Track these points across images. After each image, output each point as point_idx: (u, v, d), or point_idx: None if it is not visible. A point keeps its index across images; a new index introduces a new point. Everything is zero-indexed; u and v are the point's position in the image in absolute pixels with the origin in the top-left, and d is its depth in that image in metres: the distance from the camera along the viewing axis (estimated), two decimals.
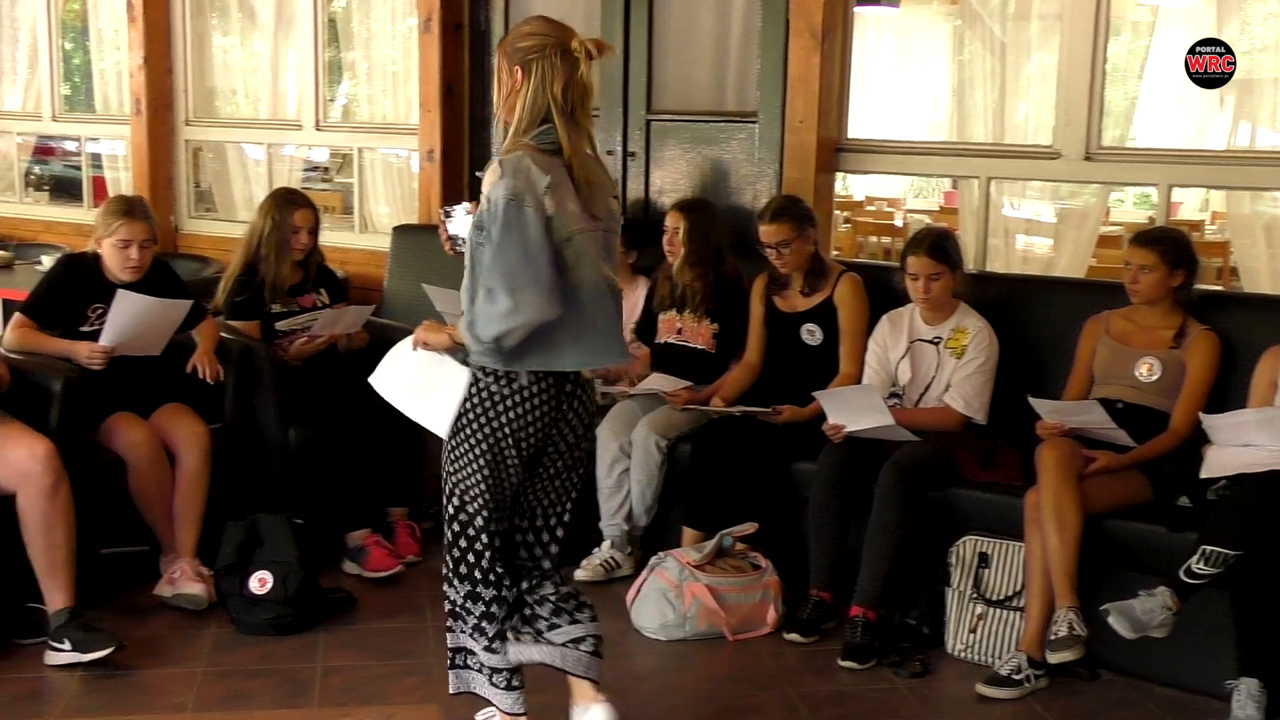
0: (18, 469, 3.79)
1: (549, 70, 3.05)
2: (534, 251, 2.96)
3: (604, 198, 3.18)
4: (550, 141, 3.05)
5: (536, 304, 2.95)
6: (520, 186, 2.96)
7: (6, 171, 8.57)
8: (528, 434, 3.12)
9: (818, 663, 4.00)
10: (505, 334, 2.96)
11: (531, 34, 3.11)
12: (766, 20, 5.38)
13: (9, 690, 3.65)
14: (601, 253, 3.15)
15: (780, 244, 4.58)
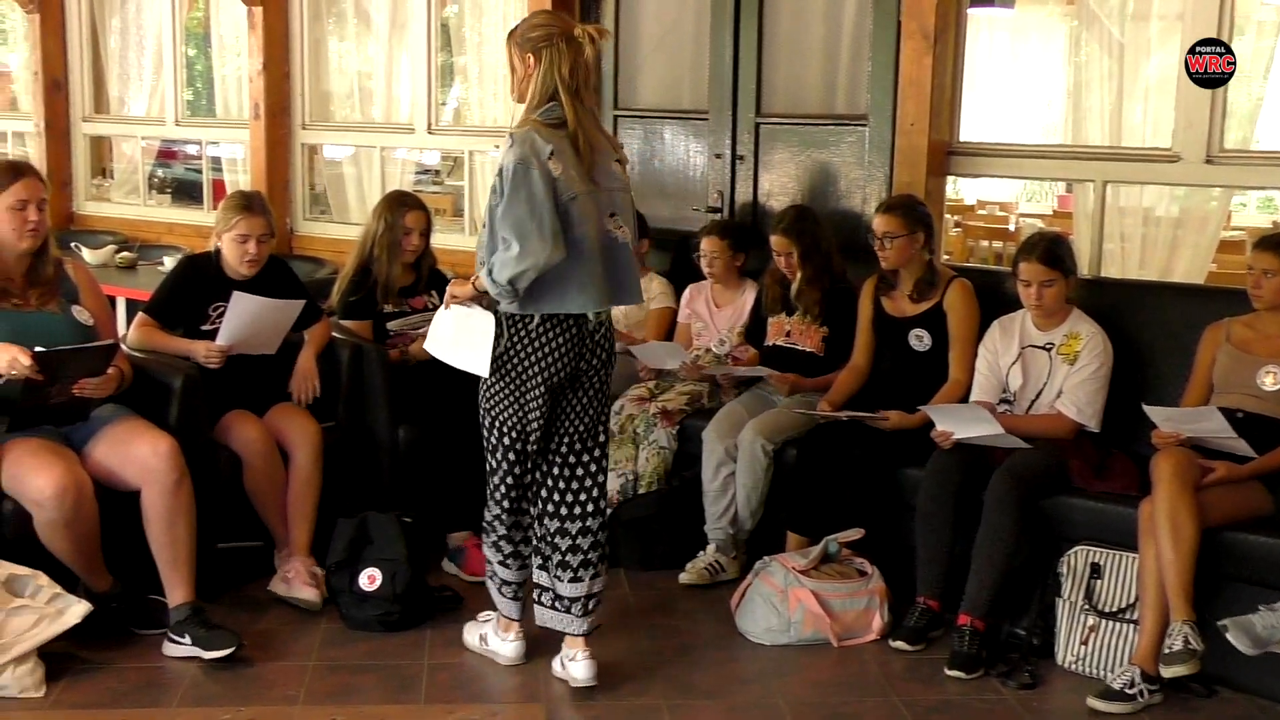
0: (142, 465, 3.88)
1: (557, 55, 3.56)
2: (538, 206, 3.45)
3: (606, 163, 3.67)
4: (555, 117, 3.56)
5: (541, 249, 3.43)
6: (527, 153, 3.47)
7: (131, 175, 8.82)
8: (550, 370, 3.61)
9: (924, 671, 3.96)
10: (517, 276, 3.45)
11: (540, 25, 3.63)
12: (877, 22, 5.34)
13: (130, 679, 3.75)
14: (603, 211, 3.62)
15: (886, 235, 4.54)
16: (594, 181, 3.60)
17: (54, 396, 3.86)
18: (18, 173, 4.02)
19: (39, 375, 3.75)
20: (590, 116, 3.66)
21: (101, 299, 4.30)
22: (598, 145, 3.64)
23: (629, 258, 3.71)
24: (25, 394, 3.79)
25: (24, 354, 3.72)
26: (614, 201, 3.68)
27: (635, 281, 3.75)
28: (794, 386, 4.77)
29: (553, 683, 3.81)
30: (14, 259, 4.00)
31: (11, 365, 3.73)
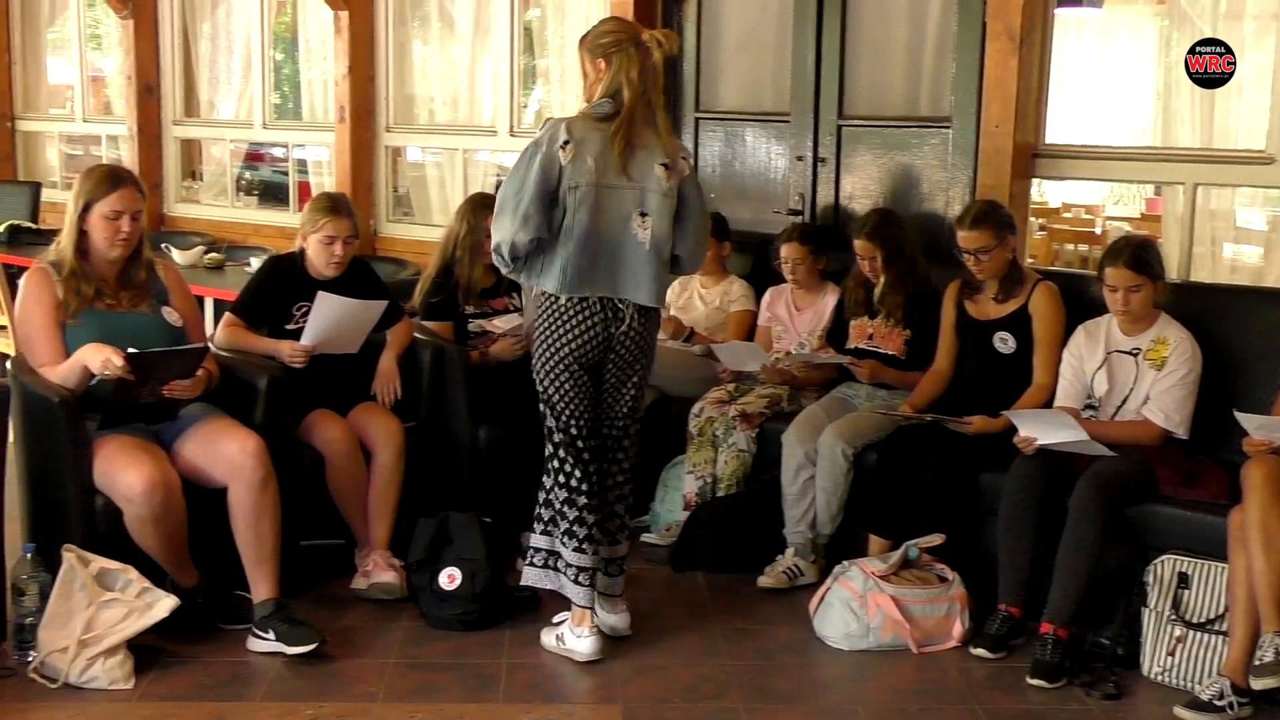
0: (230, 463, 3.94)
1: (626, 60, 3.74)
2: (524, 188, 3.71)
3: (648, 163, 3.81)
4: (603, 112, 3.76)
5: (509, 226, 3.73)
6: (543, 138, 3.74)
7: (219, 177, 8.98)
8: (575, 348, 3.83)
9: (1005, 679, 3.91)
10: (498, 245, 3.78)
11: (610, 31, 3.82)
12: (962, 23, 5.29)
13: (215, 673, 3.81)
14: (631, 208, 3.79)
15: (979, 250, 4.48)
16: (628, 176, 3.78)
17: (144, 396, 3.93)
18: (116, 182, 4.06)
19: (130, 376, 3.83)
20: (646, 118, 3.81)
21: (191, 300, 4.38)
22: (643, 144, 3.80)
23: (648, 257, 3.83)
24: (116, 393, 3.87)
25: (117, 355, 3.80)
26: (646, 200, 3.82)
27: (650, 283, 3.86)
28: (873, 372, 4.75)
29: (631, 684, 3.81)
30: (108, 262, 4.09)
31: (105, 366, 3.81)
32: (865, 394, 4.85)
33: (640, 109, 3.77)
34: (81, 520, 3.90)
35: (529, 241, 3.74)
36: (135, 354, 3.83)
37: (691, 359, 5.32)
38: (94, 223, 4.02)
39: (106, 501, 3.90)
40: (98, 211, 4.01)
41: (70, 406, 3.87)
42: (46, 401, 3.89)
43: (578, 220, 3.75)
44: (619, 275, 3.82)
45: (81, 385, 3.91)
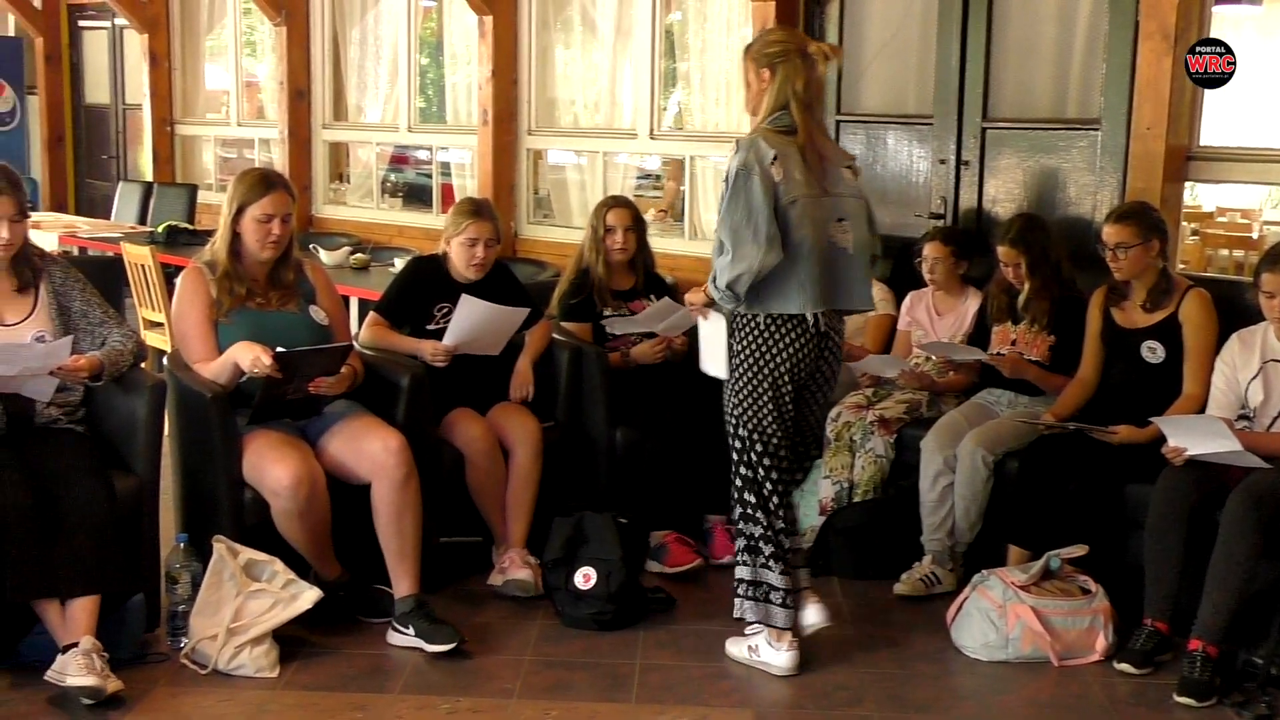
0: (373, 460, 4.02)
1: (792, 70, 3.71)
2: (755, 211, 3.60)
3: (836, 170, 3.79)
4: (783, 125, 3.71)
5: (755, 254, 3.58)
6: (750, 159, 3.63)
7: (366, 179, 9.18)
8: (784, 369, 3.74)
9: (1151, 696, 3.80)
10: (734, 280, 3.62)
11: (776, 41, 3.80)
12: (1114, 22, 5.16)
13: (356, 664, 3.90)
14: (830, 217, 3.74)
15: (1119, 246, 4.38)
16: (822, 187, 3.73)
17: (290, 393, 4.03)
18: (269, 186, 4.16)
19: (278, 374, 3.93)
20: (820, 128, 3.81)
21: (337, 300, 4.48)
22: (826, 154, 3.78)
23: (853, 263, 3.80)
24: (264, 389, 3.98)
25: (266, 353, 3.90)
26: (842, 207, 3.78)
27: (860, 287, 3.85)
28: (1015, 366, 4.66)
29: (766, 688, 3.80)
30: (259, 263, 4.20)
31: (254, 364, 3.92)
32: (1007, 401, 4.77)
33: (811, 120, 3.74)
34: (231, 512, 4.02)
35: (774, 265, 3.63)
36: (282, 353, 3.93)
37: None
38: (246, 225, 4.13)
39: (255, 494, 4.01)
40: (250, 215, 4.12)
41: (222, 402, 3.99)
42: (200, 397, 4.01)
43: (803, 235, 3.67)
44: (834, 286, 3.77)
45: (233, 382, 4.03)
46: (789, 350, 3.74)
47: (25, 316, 3.91)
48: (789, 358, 3.74)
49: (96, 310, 4.04)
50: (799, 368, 3.77)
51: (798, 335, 3.74)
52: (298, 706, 3.63)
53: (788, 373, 3.76)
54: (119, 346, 3.96)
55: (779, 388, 3.77)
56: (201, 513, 4.11)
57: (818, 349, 3.78)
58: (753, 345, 3.75)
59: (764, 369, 3.76)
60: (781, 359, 3.74)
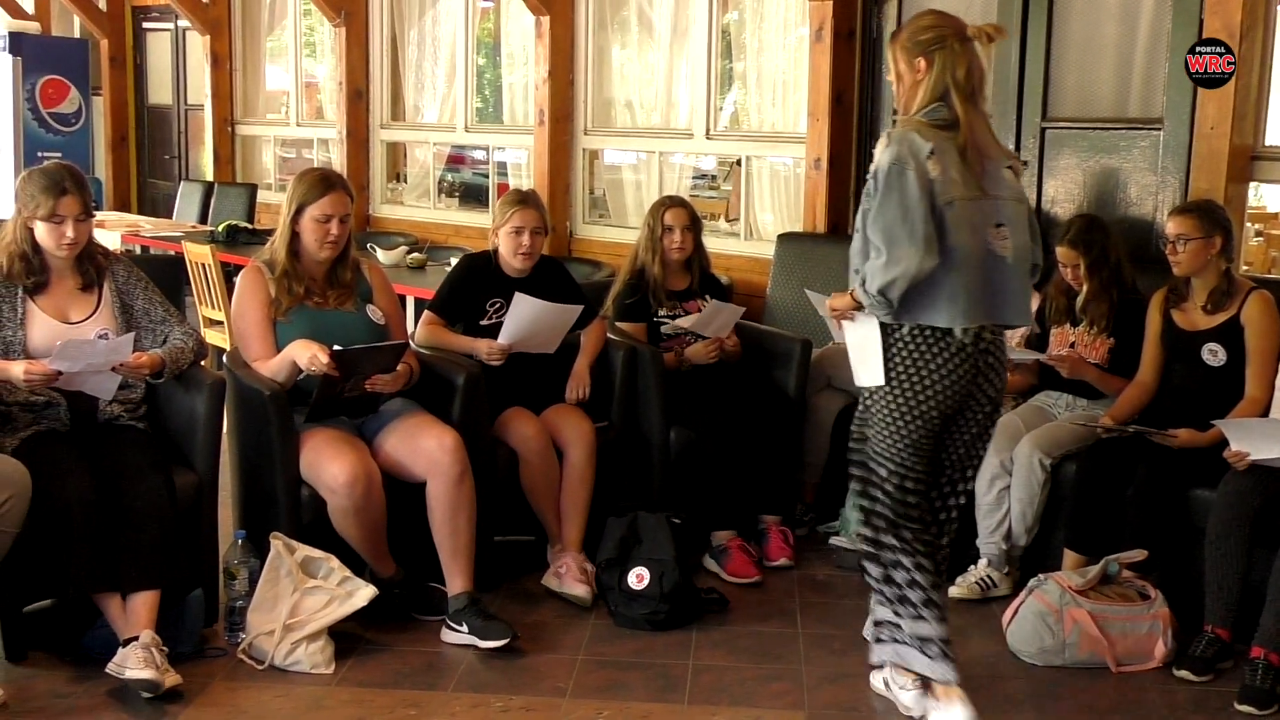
0: (428, 458, 4.04)
1: (950, 57, 3.33)
2: (911, 209, 3.22)
3: (997, 170, 3.39)
4: (940, 118, 3.33)
5: (911, 256, 3.20)
6: (904, 153, 3.25)
7: (423, 179, 9.24)
8: (934, 391, 3.35)
9: (1211, 704, 3.75)
10: (887, 285, 3.23)
11: (931, 26, 3.40)
12: (1177, 21, 5.09)
13: (411, 662, 3.92)
14: (988, 221, 3.34)
15: (1179, 238, 4.32)
16: (981, 188, 3.34)
17: (347, 391, 4.06)
18: (328, 186, 4.20)
19: (335, 372, 3.97)
20: (983, 121, 3.43)
21: (394, 299, 4.51)
22: (989, 151, 3.40)
23: (1012, 274, 3.40)
24: (321, 388, 4.01)
25: (323, 351, 3.94)
26: (1002, 211, 3.39)
27: (1018, 300, 3.45)
28: (1075, 366, 4.60)
29: (819, 691, 3.78)
30: (316, 263, 4.24)
31: (311, 362, 3.95)
32: (1065, 403, 4.72)
33: (974, 112, 3.36)
34: (288, 509, 4.06)
35: (931, 269, 3.24)
36: (340, 351, 3.96)
37: None
38: (305, 225, 4.17)
39: (312, 492, 4.05)
40: (309, 214, 4.16)
41: (280, 400, 4.03)
42: (258, 395, 4.05)
43: (958, 242, 3.28)
44: (991, 298, 3.36)
45: (290, 380, 4.07)
46: (935, 368, 3.34)
47: (89, 314, 3.97)
48: (936, 378, 3.35)
49: (158, 308, 4.09)
50: (947, 390, 3.36)
51: (946, 351, 3.34)
52: (352, 703, 3.65)
53: (934, 395, 3.36)
54: (180, 344, 4.01)
55: (922, 411, 3.37)
56: (259, 509, 4.16)
57: (971, 369, 3.37)
58: (896, 361, 3.37)
59: (906, 388, 3.37)
60: (927, 378, 3.35)
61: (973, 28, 3.39)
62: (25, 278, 3.90)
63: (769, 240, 6.53)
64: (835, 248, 6.06)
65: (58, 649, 3.86)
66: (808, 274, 5.84)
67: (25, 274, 3.90)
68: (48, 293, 3.94)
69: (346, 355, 3.99)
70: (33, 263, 3.90)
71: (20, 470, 3.58)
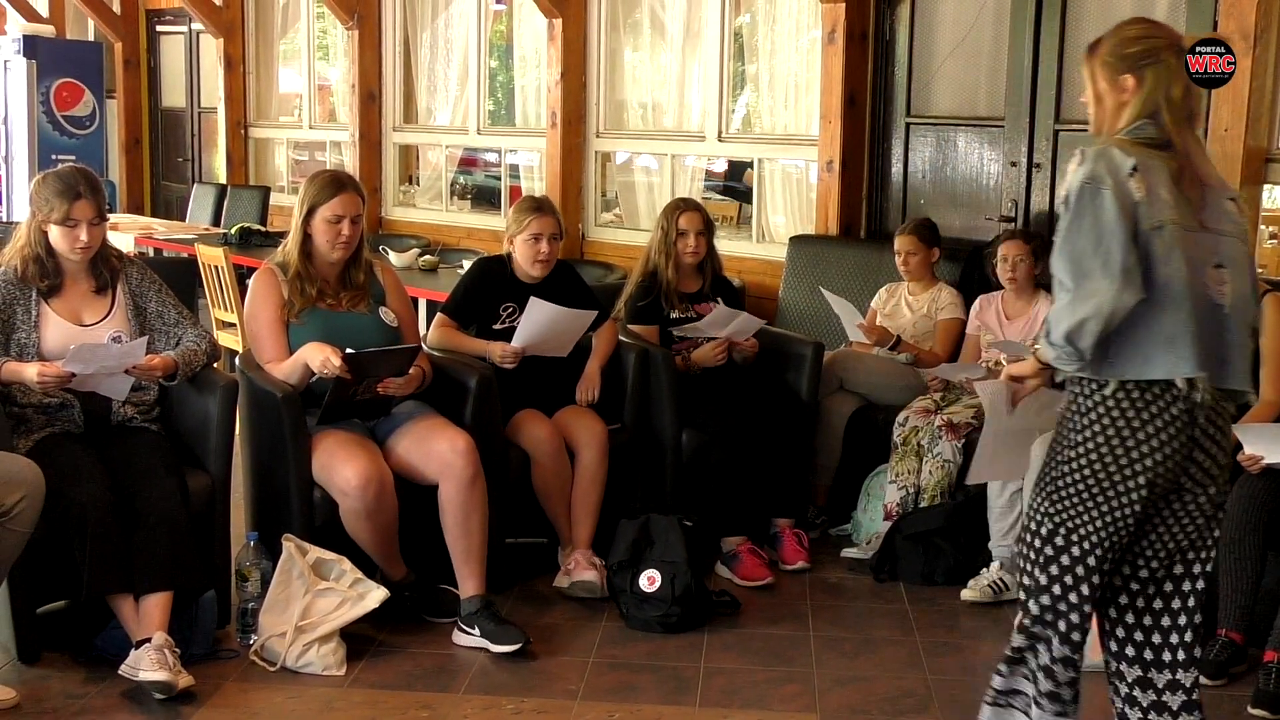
0: (441, 460, 4.04)
1: (1164, 73, 2.83)
2: (1106, 235, 2.66)
3: (1218, 201, 2.84)
4: (1148, 136, 2.81)
5: (1105, 291, 2.64)
6: (1100, 170, 2.72)
7: (435, 181, 9.26)
8: (1143, 465, 2.74)
9: (1225, 707, 3.73)
10: (1075, 329, 2.66)
11: (1140, 37, 2.90)
12: (1191, 23, 5.09)
13: (423, 664, 3.92)
14: (1205, 259, 2.77)
15: None
16: (1200, 220, 2.78)
17: (360, 394, 4.07)
18: (339, 187, 4.20)
19: (348, 375, 3.97)
20: (1199, 146, 2.92)
21: (406, 301, 4.52)
22: (1208, 178, 2.86)
23: (1229, 325, 2.79)
24: (334, 390, 4.02)
25: (335, 354, 3.94)
26: (1222, 248, 2.81)
27: (1242, 361, 2.83)
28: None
29: (830, 694, 3.78)
30: (328, 264, 4.25)
31: (324, 365, 3.95)
32: None
33: (1190, 136, 2.86)
34: (301, 511, 4.06)
35: (1131, 306, 2.68)
36: (352, 354, 3.97)
37: (897, 367, 5.24)
38: (317, 226, 4.18)
39: (324, 494, 4.06)
40: (320, 216, 4.17)
41: (293, 402, 4.04)
42: (271, 397, 4.06)
43: (1172, 272, 2.71)
44: (1212, 350, 2.77)
45: (303, 382, 4.08)
46: (1149, 434, 2.72)
47: (103, 317, 3.98)
48: (1150, 447, 2.73)
49: (172, 311, 4.10)
50: (1163, 461, 2.74)
51: (1165, 412, 2.72)
52: (364, 704, 3.66)
53: (1144, 469, 2.74)
54: (193, 346, 4.02)
55: (1127, 486, 2.75)
56: (272, 511, 4.16)
57: (1183, 438, 2.74)
58: (1095, 425, 2.76)
59: (1108, 458, 2.75)
60: (1136, 447, 2.73)
61: (1190, 38, 2.95)
62: (39, 280, 3.91)
63: (781, 243, 6.53)
64: (847, 250, 6.07)
65: (71, 650, 3.87)
66: (820, 276, 5.84)
67: (39, 277, 3.91)
68: (61, 295, 3.95)
69: (359, 359, 3.99)
70: (46, 266, 3.92)
71: (34, 471, 3.58)
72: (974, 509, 4.62)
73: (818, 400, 5.08)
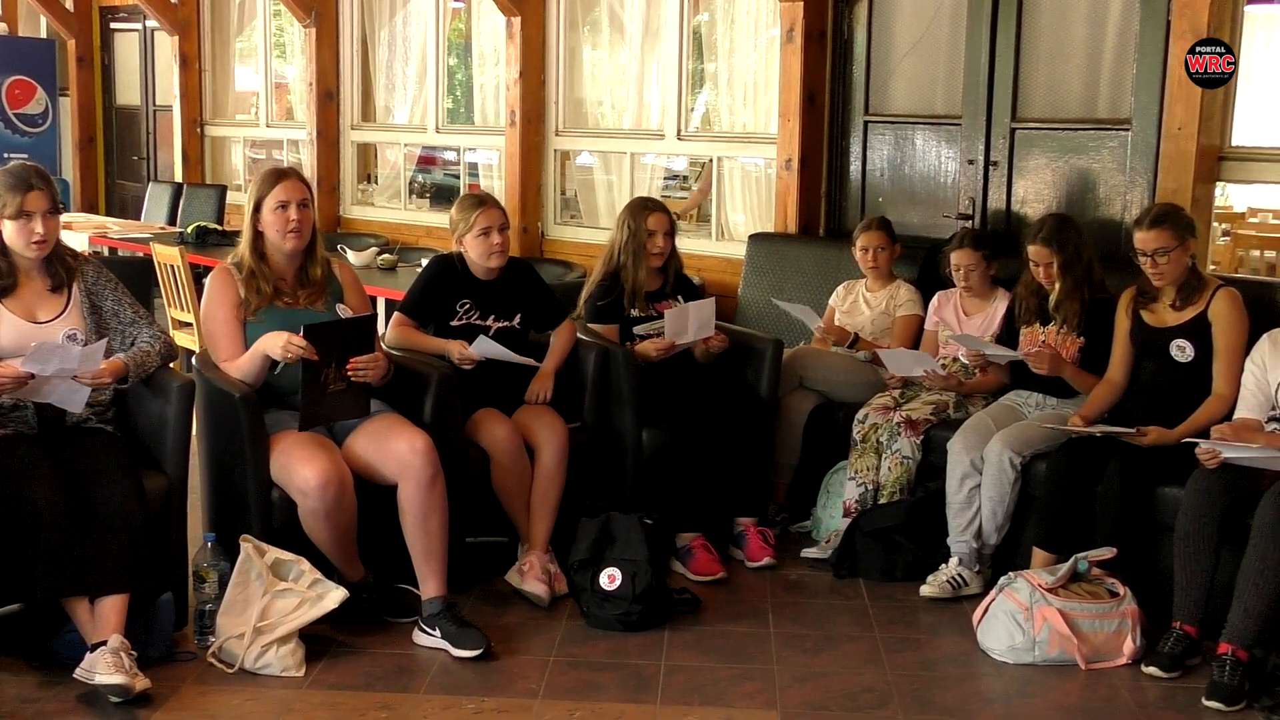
0: (400, 460, 4.02)
1: None
2: None
3: None
4: None
5: None
6: None
7: (393, 180, 9.21)
8: None
9: (1179, 700, 3.77)
10: None
11: None
12: (1145, 22, 5.13)
13: (382, 664, 3.90)
14: None
15: (1158, 251, 4.32)
16: None
17: (331, 380, 4.02)
18: (279, 175, 4.24)
19: (314, 354, 3.94)
20: None
21: (365, 299, 4.50)
22: None
23: None
24: (306, 382, 3.97)
25: (295, 336, 3.93)
26: None
27: None
28: (1052, 362, 4.60)
29: (790, 690, 3.79)
30: (285, 260, 4.22)
31: (287, 348, 3.93)
32: (1035, 402, 4.74)
33: None
34: (259, 512, 4.04)
35: None
36: (310, 327, 3.94)
37: (856, 364, 5.27)
38: (266, 220, 4.16)
39: (282, 494, 4.03)
40: (267, 207, 4.15)
41: (251, 402, 4.01)
42: (228, 397, 4.03)
43: None
44: None
45: (262, 377, 4.05)
46: None
47: (58, 314, 3.94)
48: None
49: (128, 310, 4.07)
50: None
51: None
52: (324, 705, 3.64)
53: None
54: (146, 347, 3.99)
55: None
56: (229, 512, 4.13)
57: None
58: None
59: None
60: None
61: None
62: None
63: (740, 241, 6.54)
64: (806, 248, 6.10)
65: (25, 654, 3.83)
66: (779, 274, 5.85)
67: None
68: (16, 294, 3.91)
69: (317, 330, 3.96)
70: (0, 265, 3.87)
71: None
72: (933, 505, 4.65)
73: (777, 398, 5.10)
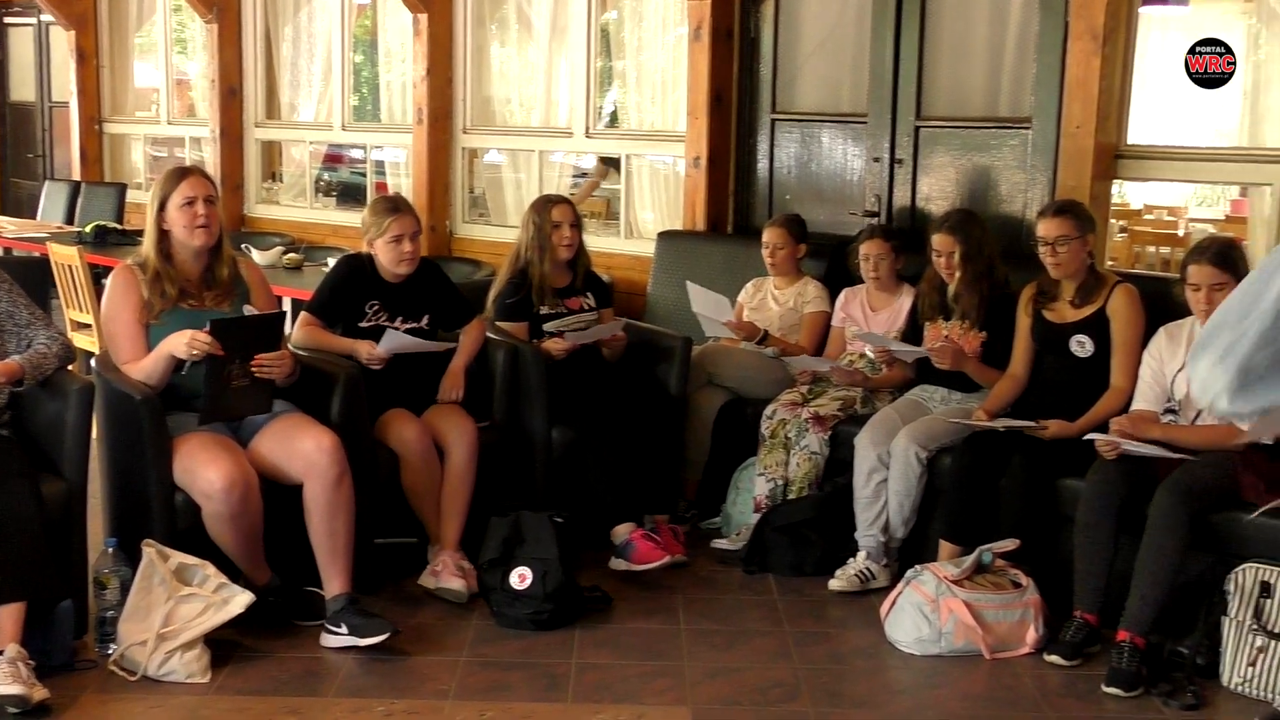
0: (305, 460, 3.98)
1: None
2: None
3: None
4: None
5: None
6: None
7: (299, 178, 9.10)
8: None
9: (1080, 687, 3.85)
10: None
11: None
12: (1044, 22, 5.22)
13: (290, 668, 3.86)
14: None
15: (1059, 240, 4.40)
16: None
17: (235, 377, 3.96)
18: (183, 173, 4.19)
19: (220, 350, 3.88)
20: None
21: (272, 298, 4.44)
22: None
23: None
24: (209, 377, 3.92)
25: (200, 333, 3.87)
26: None
27: None
28: (954, 357, 4.66)
29: (701, 686, 3.80)
30: (191, 259, 4.15)
31: (192, 344, 3.86)
32: (940, 397, 4.81)
33: None
34: (162, 516, 3.97)
35: None
36: (216, 321, 3.89)
37: (765, 361, 5.30)
38: (172, 217, 4.09)
39: (186, 498, 3.96)
40: (172, 204, 4.09)
41: (153, 404, 3.94)
42: (129, 399, 3.96)
43: None
44: None
45: (165, 378, 3.98)
46: None
47: None
48: None
49: (23, 311, 3.97)
50: None
51: None
52: (231, 711, 3.58)
53: None
54: (43, 349, 3.90)
55: None
56: (131, 517, 4.06)
57: None
58: None
59: None
60: None
61: None
62: None
63: (649, 238, 6.55)
64: (714, 245, 6.13)
65: None
66: (688, 271, 5.87)
67: None
68: None
69: (223, 325, 3.91)
70: None
71: None
72: (841, 500, 4.69)
73: (687, 395, 5.11)
